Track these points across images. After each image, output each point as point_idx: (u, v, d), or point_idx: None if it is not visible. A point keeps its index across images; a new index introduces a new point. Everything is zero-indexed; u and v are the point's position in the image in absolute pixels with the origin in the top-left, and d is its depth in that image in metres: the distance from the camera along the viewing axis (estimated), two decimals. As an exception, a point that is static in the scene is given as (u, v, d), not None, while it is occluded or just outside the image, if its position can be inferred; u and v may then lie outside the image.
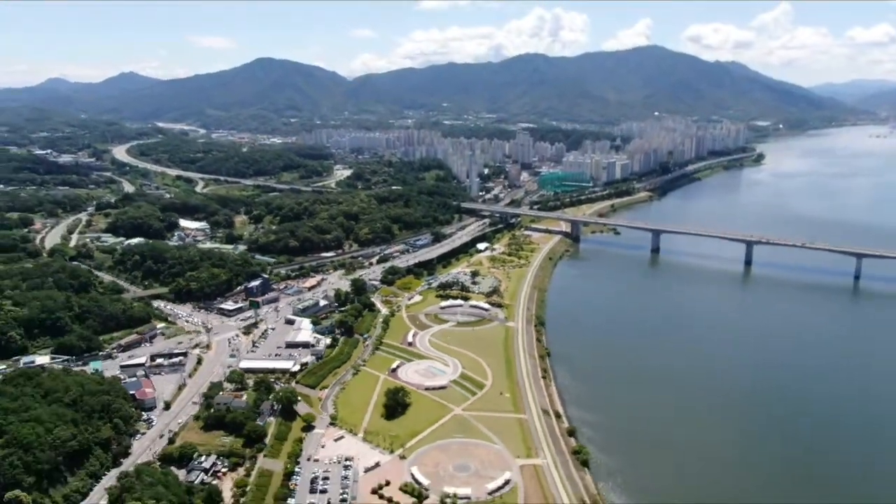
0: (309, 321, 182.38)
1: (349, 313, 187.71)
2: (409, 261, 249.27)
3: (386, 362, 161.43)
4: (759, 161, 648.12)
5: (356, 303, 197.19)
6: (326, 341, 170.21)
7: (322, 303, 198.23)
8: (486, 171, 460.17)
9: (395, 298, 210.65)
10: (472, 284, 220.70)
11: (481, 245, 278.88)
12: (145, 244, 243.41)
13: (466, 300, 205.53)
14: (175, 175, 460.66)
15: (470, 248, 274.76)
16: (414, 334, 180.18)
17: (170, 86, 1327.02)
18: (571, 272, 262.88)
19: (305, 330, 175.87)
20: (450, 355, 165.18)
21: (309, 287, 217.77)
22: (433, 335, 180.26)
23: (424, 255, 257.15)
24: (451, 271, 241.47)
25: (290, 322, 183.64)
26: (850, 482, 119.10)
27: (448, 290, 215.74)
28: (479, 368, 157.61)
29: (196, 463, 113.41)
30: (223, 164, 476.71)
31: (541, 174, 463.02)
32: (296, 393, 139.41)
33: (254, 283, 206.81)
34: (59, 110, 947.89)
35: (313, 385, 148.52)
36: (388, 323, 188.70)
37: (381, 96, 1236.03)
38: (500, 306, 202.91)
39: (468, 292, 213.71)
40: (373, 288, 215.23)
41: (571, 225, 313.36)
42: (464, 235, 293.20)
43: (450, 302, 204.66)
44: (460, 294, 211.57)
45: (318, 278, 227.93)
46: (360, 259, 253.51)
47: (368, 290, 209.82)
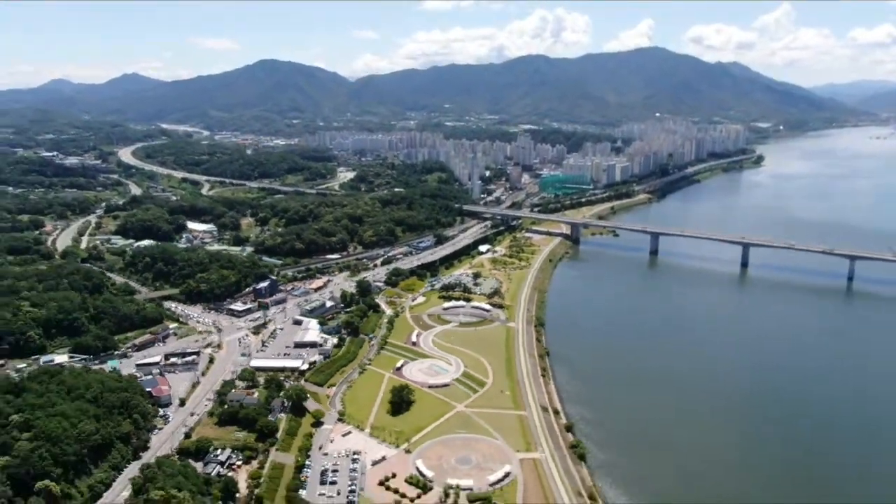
0: (316, 321, 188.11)
1: (355, 314, 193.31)
2: (413, 263, 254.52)
3: (391, 361, 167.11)
4: (759, 163, 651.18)
5: (361, 304, 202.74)
6: (333, 341, 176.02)
7: (328, 304, 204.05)
8: (488, 174, 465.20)
9: (399, 299, 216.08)
10: (474, 286, 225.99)
11: (483, 247, 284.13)
12: (156, 246, 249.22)
13: (468, 301, 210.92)
14: (181, 177, 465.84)
15: (472, 250, 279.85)
16: (418, 334, 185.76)
17: (173, 87, 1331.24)
18: (571, 274, 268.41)
19: (313, 330, 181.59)
20: (452, 354, 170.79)
21: (315, 288, 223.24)
22: (436, 335, 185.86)
23: (427, 257, 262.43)
24: (454, 273, 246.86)
25: (298, 322, 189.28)
26: (846, 482, 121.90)
27: (450, 292, 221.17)
28: (481, 367, 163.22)
29: (212, 456, 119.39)
30: (228, 167, 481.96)
31: (542, 176, 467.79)
32: (305, 390, 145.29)
33: (262, 285, 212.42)
34: (63, 112, 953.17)
35: (321, 383, 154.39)
36: (393, 323, 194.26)
37: (383, 97, 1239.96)
38: (501, 307, 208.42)
39: (470, 293, 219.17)
40: (377, 289, 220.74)
41: (571, 227, 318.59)
42: (466, 238, 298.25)
43: (452, 303, 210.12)
44: (462, 295, 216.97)
45: (324, 280, 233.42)
46: (365, 261, 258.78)
47: (373, 292, 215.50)
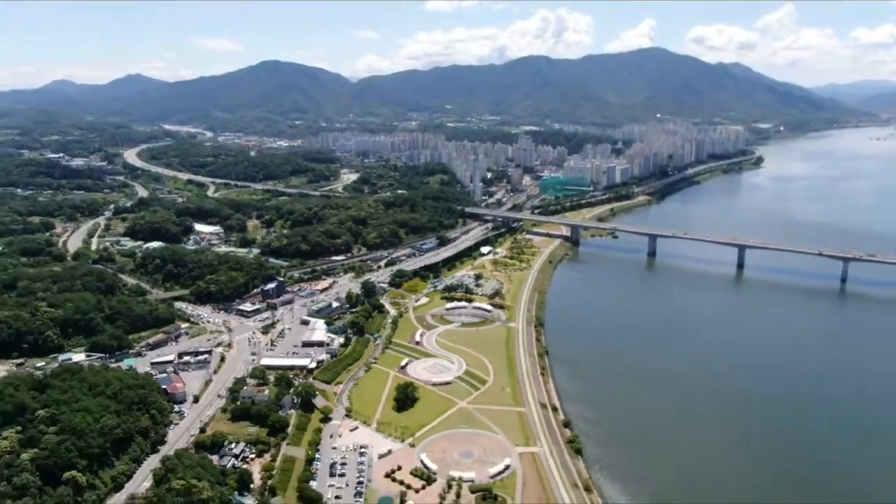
0: (323, 321, 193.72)
1: (360, 314, 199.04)
2: (416, 264, 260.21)
3: (395, 360, 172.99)
4: (759, 164, 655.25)
5: (366, 304, 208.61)
6: (340, 340, 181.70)
7: (334, 304, 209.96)
8: (489, 176, 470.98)
9: (403, 300, 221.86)
10: (476, 287, 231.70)
11: (484, 249, 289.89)
12: (165, 248, 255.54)
13: (470, 302, 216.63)
14: (186, 179, 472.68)
15: (473, 252, 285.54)
16: (421, 334, 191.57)
17: (176, 88, 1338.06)
18: (570, 275, 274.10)
19: (320, 330, 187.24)
20: (455, 354, 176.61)
21: (321, 289, 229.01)
22: (439, 335, 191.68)
23: (430, 259, 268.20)
24: (456, 274, 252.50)
25: (305, 322, 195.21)
26: (842, 482, 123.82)
27: (453, 293, 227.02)
28: (482, 366, 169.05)
29: (227, 449, 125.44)
30: (233, 169, 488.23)
31: (542, 178, 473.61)
32: (313, 388, 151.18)
33: (270, 286, 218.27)
34: (67, 113, 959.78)
35: (329, 381, 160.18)
36: (397, 323, 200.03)
37: (385, 98, 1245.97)
38: (502, 308, 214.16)
39: (472, 294, 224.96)
40: (382, 290, 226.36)
41: (571, 229, 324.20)
42: (467, 239, 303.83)
43: (454, 304, 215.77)
44: (464, 296, 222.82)
45: (330, 281, 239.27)
46: (369, 262, 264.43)
47: (378, 293, 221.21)
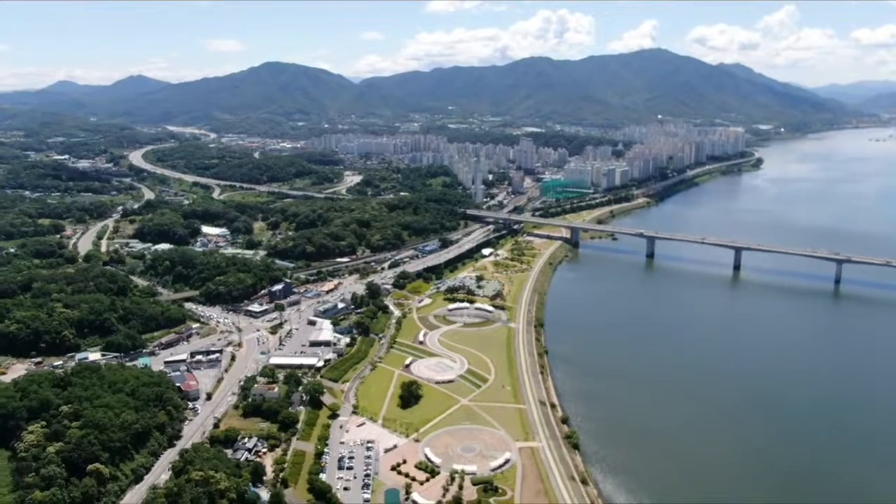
0: (329, 322, 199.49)
1: (365, 315, 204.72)
2: (419, 266, 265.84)
3: (400, 359, 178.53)
4: (758, 166, 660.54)
5: (371, 305, 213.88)
6: (346, 340, 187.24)
7: (340, 305, 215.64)
8: (491, 178, 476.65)
9: (407, 301, 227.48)
10: (478, 288, 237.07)
11: (486, 251, 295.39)
12: (175, 250, 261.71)
13: (472, 303, 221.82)
14: (192, 181, 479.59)
15: (475, 254, 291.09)
16: (424, 334, 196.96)
17: (178, 89, 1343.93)
18: (570, 276, 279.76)
19: (326, 330, 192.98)
20: (457, 353, 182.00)
21: (327, 290, 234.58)
22: (442, 335, 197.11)
23: (433, 261, 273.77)
24: (458, 276, 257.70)
25: (312, 323, 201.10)
26: (833, 480, 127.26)
27: (455, 294, 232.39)
28: (484, 365, 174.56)
29: (240, 444, 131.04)
30: (237, 171, 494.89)
31: (543, 180, 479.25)
32: (321, 385, 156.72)
33: (277, 287, 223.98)
34: (71, 114, 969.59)
35: (336, 379, 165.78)
36: (401, 324, 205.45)
37: (388, 100, 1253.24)
38: (503, 308, 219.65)
39: (474, 295, 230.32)
40: (386, 291, 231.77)
41: (571, 231, 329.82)
42: (469, 241, 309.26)
43: (457, 304, 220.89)
44: (466, 297, 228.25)
45: (335, 282, 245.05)
46: (373, 264, 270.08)
47: (382, 294, 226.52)
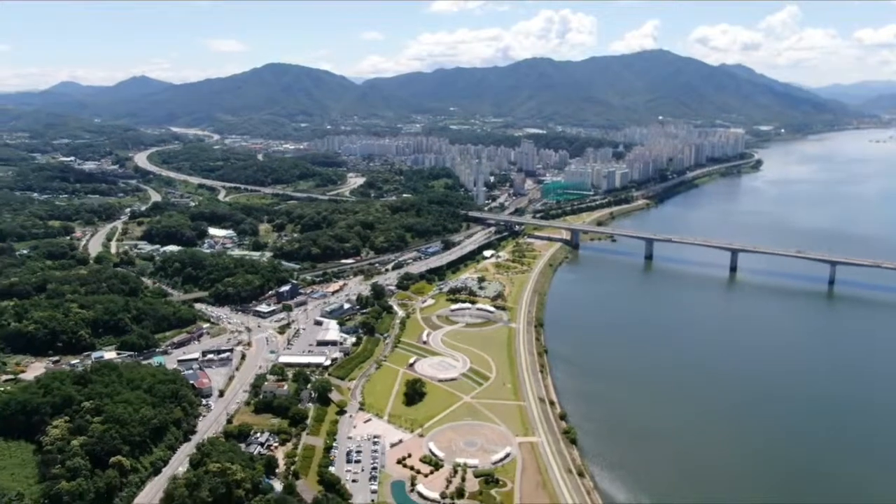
0: (335, 322, 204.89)
1: (370, 315, 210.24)
2: (422, 267, 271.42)
3: (404, 358, 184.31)
4: (757, 167, 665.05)
5: (376, 306, 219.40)
6: (352, 340, 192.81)
7: (346, 306, 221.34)
8: (492, 179, 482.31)
9: (410, 302, 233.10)
10: (479, 289, 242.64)
11: (487, 252, 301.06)
12: (184, 252, 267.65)
13: (474, 304, 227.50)
14: (197, 183, 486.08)
15: (477, 256, 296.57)
16: (428, 334, 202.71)
17: (182, 90, 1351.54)
18: (570, 277, 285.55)
19: (333, 330, 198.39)
20: (460, 352, 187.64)
21: (332, 291, 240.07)
22: (445, 334, 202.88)
23: (435, 262, 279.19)
24: (460, 277, 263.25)
25: (319, 323, 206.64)
26: (826, 480, 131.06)
27: (457, 295, 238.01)
28: (485, 363, 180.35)
29: (253, 438, 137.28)
30: (242, 173, 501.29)
31: (544, 182, 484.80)
32: (329, 383, 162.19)
33: (284, 288, 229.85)
34: (75, 115, 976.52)
35: (342, 377, 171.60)
36: (405, 324, 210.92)
37: (390, 101, 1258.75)
38: (504, 309, 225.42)
39: (475, 296, 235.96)
40: (390, 292, 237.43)
41: (571, 233, 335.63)
42: (471, 243, 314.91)
43: (459, 305, 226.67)
44: (468, 298, 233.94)
45: (341, 283, 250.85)
46: (377, 265, 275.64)
47: (386, 295, 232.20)
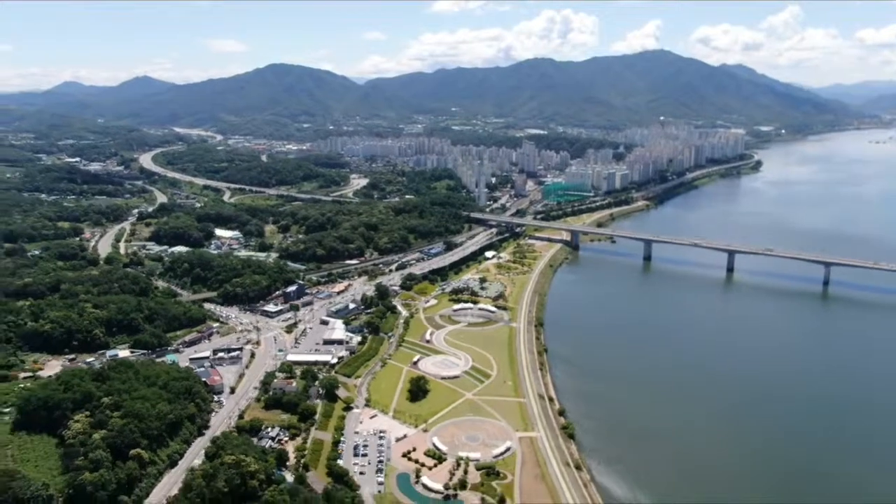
0: (341, 321, 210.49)
1: (375, 315, 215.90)
2: (424, 268, 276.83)
3: (408, 356, 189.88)
4: (757, 168, 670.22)
5: (380, 306, 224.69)
6: (357, 339, 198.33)
7: (351, 306, 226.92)
8: (494, 181, 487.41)
9: (414, 302, 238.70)
10: (481, 290, 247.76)
11: (489, 253, 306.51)
12: (192, 253, 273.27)
13: (476, 304, 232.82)
14: (202, 184, 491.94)
15: (479, 257, 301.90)
16: (431, 333, 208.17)
17: (184, 90, 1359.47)
18: (570, 278, 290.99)
19: (339, 329, 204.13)
20: (462, 351, 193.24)
21: (338, 292, 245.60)
22: (447, 334, 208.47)
23: (438, 263, 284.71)
24: (462, 278, 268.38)
25: (325, 322, 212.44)
26: (826, 481, 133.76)
27: (459, 295, 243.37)
28: (487, 362, 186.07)
29: (264, 432, 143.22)
30: (246, 174, 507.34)
31: (545, 184, 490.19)
32: (336, 380, 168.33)
33: (291, 289, 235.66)
34: (79, 116, 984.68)
35: (349, 374, 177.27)
36: (409, 323, 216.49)
37: (392, 101, 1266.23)
38: (505, 309, 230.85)
39: (477, 297, 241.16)
40: (394, 292, 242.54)
41: (571, 234, 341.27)
42: (473, 244, 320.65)
43: (461, 305, 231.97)
44: (470, 298, 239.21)
45: (346, 284, 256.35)
46: (381, 266, 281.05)
47: (390, 295, 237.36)
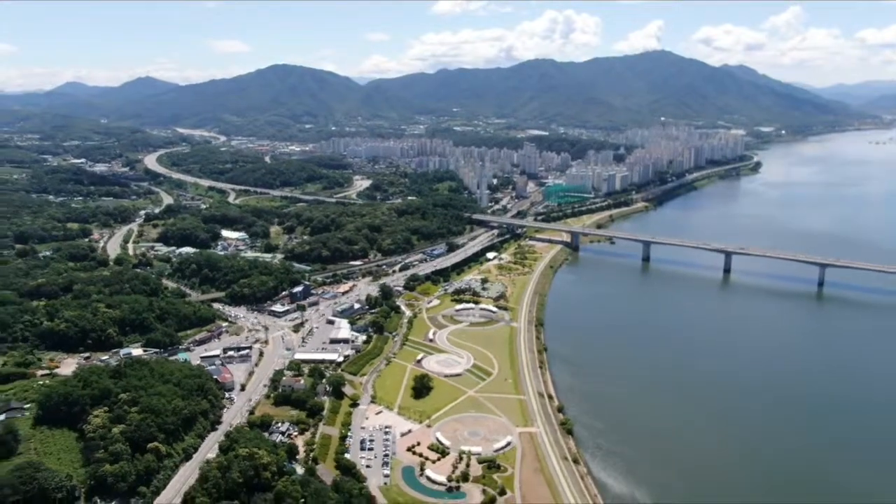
0: (347, 321, 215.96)
1: (379, 315, 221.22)
2: (427, 269, 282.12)
3: (412, 355, 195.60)
4: (756, 170, 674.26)
5: (384, 306, 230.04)
6: (362, 338, 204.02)
7: (356, 306, 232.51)
8: (495, 182, 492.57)
9: (417, 302, 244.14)
10: (483, 290, 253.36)
11: (490, 254, 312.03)
12: (200, 254, 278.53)
13: (477, 304, 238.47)
14: (207, 186, 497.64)
15: (480, 258, 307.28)
16: (434, 332, 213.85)
17: (187, 91, 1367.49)
18: (569, 279, 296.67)
19: (344, 328, 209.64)
20: (464, 350, 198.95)
21: (343, 292, 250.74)
22: (450, 333, 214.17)
23: (440, 264, 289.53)
24: (464, 278, 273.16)
25: (331, 322, 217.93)
26: (825, 480, 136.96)
27: (462, 295, 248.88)
28: (488, 360, 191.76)
29: (275, 427, 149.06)
30: (251, 175, 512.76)
31: (546, 185, 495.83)
32: (342, 378, 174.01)
33: (297, 289, 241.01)
34: (83, 116, 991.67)
35: (355, 372, 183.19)
36: (412, 323, 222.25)
37: (393, 102, 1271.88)
38: (506, 309, 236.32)
39: (479, 297, 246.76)
40: (397, 293, 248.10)
41: (571, 235, 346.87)
42: (475, 245, 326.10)
43: (463, 305, 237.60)
44: (472, 298, 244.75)
45: (350, 284, 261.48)
46: (384, 267, 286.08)
47: (394, 295, 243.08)
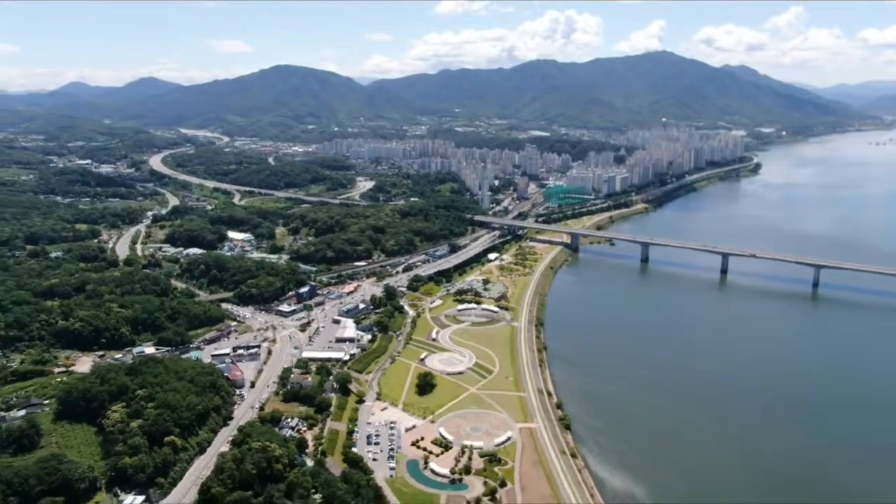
0: (352, 321, 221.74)
1: (384, 314, 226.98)
2: (430, 270, 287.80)
3: (416, 353, 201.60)
4: (756, 171, 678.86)
5: (388, 306, 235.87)
6: (367, 337, 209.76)
7: (361, 306, 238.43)
8: (497, 183, 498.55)
9: (420, 302, 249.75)
10: (484, 290, 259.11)
11: (492, 255, 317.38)
12: (208, 255, 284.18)
13: (479, 304, 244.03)
14: (212, 187, 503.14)
15: (482, 258, 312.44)
16: (437, 332, 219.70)
17: (190, 91, 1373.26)
18: (569, 279, 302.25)
19: (350, 328, 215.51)
20: (466, 348, 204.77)
21: (348, 292, 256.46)
22: (452, 332, 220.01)
23: (443, 265, 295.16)
24: (466, 279, 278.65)
25: (337, 322, 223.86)
26: (824, 480, 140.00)
27: (464, 296, 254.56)
28: (489, 359, 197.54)
29: (284, 423, 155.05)
30: (255, 177, 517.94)
31: (547, 187, 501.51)
32: (349, 375, 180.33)
33: (303, 289, 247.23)
34: (87, 117, 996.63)
35: (360, 370, 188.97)
36: (416, 322, 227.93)
37: (395, 103, 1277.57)
38: (507, 309, 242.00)
39: (480, 297, 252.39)
40: (401, 293, 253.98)
41: (571, 236, 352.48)
42: (476, 247, 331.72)
43: (465, 305, 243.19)
44: (474, 299, 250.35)
45: (355, 285, 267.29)
46: (388, 268, 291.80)
47: (398, 296, 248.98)
